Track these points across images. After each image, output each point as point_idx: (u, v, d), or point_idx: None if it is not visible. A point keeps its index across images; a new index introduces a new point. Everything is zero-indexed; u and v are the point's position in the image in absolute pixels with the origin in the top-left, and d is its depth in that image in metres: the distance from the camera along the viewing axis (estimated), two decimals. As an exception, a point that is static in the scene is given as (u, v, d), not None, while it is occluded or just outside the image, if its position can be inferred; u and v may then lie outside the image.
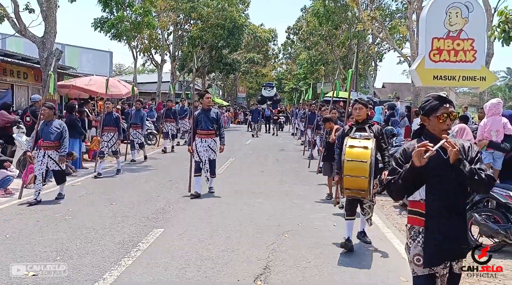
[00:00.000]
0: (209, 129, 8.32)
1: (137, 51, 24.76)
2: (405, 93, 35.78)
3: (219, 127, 8.46)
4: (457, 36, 8.34)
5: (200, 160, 8.28)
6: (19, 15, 12.16)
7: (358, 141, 5.01)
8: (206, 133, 8.30)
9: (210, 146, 8.32)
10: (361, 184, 4.90)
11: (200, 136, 8.31)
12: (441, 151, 2.68)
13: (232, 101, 53.09)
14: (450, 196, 2.76)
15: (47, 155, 7.59)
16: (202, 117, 8.31)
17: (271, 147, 18.59)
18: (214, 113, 8.46)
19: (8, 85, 14.19)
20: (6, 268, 4.50)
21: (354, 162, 4.88)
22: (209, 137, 8.33)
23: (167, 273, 4.52)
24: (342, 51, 33.70)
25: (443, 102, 2.81)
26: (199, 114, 8.42)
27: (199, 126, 8.33)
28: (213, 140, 8.41)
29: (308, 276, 4.57)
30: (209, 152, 8.33)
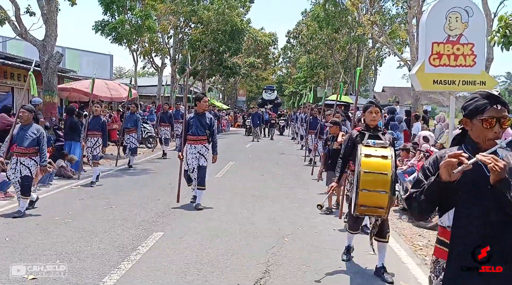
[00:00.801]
0: (200, 134, 7.57)
1: (138, 55, 24.81)
2: (405, 97, 35.84)
3: (211, 134, 7.68)
4: (457, 41, 8.36)
5: (189, 168, 7.64)
6: (20, 18, 12.21)
7: (374, 150, 4.31)
8: (196, 139, 7.59)
9: (200, 152, 7.60)
10: (380, 200, 4.19)
11: (190, 141, 7.63)
12: (483, 165, 2.07)
13: (232, 104, 53.16)
14: (487, 225, 2.12)
15: (19, 162, 6.83)
16: (194, 121, 7.59)
17: (271, 151, 18.59)
18: (208, 118, 7.68)
19: (9, 88, 14.21)
20: (6, 271, 4.48)
21: (373, 175, 4.17)
22: (199, 143, 7.61)
23: (166, 277, 4.51)
24: (342, 55, 33.76)
25: (493, 102, 2.19)
26: (191, 118, 7.70)
27: (189, 131, 7.62)
28: (204, 147, 7.65)
29: (308, 280, 4.57)
30: (199, 159, 7.58)
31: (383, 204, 4.19)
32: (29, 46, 14.27)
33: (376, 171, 4.16)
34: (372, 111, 4.80)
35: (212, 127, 7.67)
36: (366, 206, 4.25)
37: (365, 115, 4.86)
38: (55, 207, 7.45)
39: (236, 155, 16.17)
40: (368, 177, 4.17)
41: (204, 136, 7.60)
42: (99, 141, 9.95)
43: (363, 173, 4.17)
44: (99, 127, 10.00)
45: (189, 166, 7.60)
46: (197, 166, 7.56)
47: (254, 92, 59.13)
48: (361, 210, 4.31)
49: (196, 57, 29.11)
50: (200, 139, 7.60)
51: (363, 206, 4.25)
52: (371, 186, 4.16)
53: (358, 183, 4.21)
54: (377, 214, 4.38)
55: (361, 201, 4.23)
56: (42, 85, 12.97)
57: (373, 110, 4.80)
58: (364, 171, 4.17)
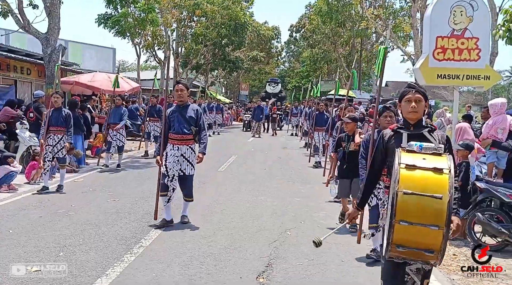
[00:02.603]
0: (184, 132, 6.07)
1: (140, 48, 24.78)
2: (408, 92, 35.66)
3: (199, 130, 6.18)
4: (462, 35, 8.30)
5: (167, 175, 6.03)
6: (23, 11, 12.18)
7: (420, 158, 2.79)
8: (179, 138, 6.10)
9: (184, 156, 6.09)
10: (429, 238, 2.66)
11: (172, 141, 6.13)
12: None
13: (234, 98, 53.08)
14: None
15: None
16: (176, 116, 6.10)
17: (274, 145, 18.58)
18: (193, 111, 6.18)
19: (12, 81, 14.20)
20: (10, 261, 4.51)
21: (418, 198, 2.66)
22: (183, 144, 6.10)
23: (169, 270, 4.53)
24: (346, 49, 33.64)
25: None
26: (172, 112, 6.17)
27: (171, 128, 6.15)
28: (190, 148, 6.16)
29: (310, 274, 4.58)
30: (182, 164, 6.10)
31: (433, 245, 2.65)
32: (32, 39, 14.26)
33: (424, 193, 2.65)
34: (412, 99, 3.08)
35: (198, 121, 6.19)
36: (405, 247, 2.71)
37: (401, 106, 3.18)
38: (58, 200, 7.47)
39: (238, 149, 16.18)
40: (410, 202, 2.66)
41: (189, 134, 6.12)
42: (64, 139, 8.24)
43: (401, 195, 2.67)
44: (62, 122, 8.22)
45: (169, 172, 6.01)
46: (180, 173, 6.10)
47: (257, 86, 59.03)
48: (397, 252, 2.74)
49: (199, 51, 29.04)
50: (185, 138, 6.12)
51: (401, 246, 2.71)
52: (414, 216, 2.66)
53: (394, 209, 2.68)
54: (422, 260, 2.78)
55: (398, 238, 2.70)
56: (45, 78, 12.96)
57: (412, 98, 3.09)
58: (404, 192, 2.67)
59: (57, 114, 8.27)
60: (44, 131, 8.25)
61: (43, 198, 7.54)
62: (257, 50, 43.57)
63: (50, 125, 8.25)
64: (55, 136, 8.23)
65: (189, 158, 6.16)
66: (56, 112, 8.28)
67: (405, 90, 3.19)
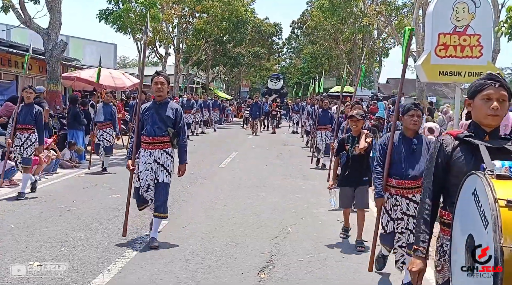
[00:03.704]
0: (158, 134, 5.09)
1: (141, 44, 24.72)
2: (409, 89, 35.65)
3: (178, 133, 5.18)
4: (464, 32, 8.29)
5: (140, 186, 5.14)
6: (24, 6, 12.17)
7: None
8: (151, 141, 5.11)
9: (159, 161, 5.12)
10: None
11: (143, 145, 5.18)
12: None
13: (235, 95, 53.05)
14: None
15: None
16: (150, 115, 5.13)
17: (275, 142, 18.58)
18: (172, 110, 5.18)
19: (13, 76, 14.21)
20: (12, 257, 4.53)
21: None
22: (158, 148, 5.12)
23: (171, 265, 4.54)
24: (347, 46, 33.57)
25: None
26: (147, 109, 5.21)
27: (143, 130, 5.18)
28: (165, 153, 5.15)
29: (311, 269, 4.59)
30: (157, 171, 5.12)
31: None
32: (33, 34, 14.24)
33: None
34: (493, 97, 2.12)
35: (178, 122, 5.19)
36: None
37: (473, 105, 2.21)
38: (59, 195, 7.48)
39: (239, 145, 16.19)
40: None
41: (165, 137, 5.13)
42: (32, 138, 7.43)
43: (510, 253, 1.64)
44: (32, 119, 7.42)
45: (141, 182, 5.11)
46: (154, 182, 5.13)
47: (258, 82, 58.97)
48: None
49: (200, 47, 29.01)
50: (159, 141, 5.13)
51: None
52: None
53: (498, 279, 1.68)
54: None
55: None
56: (46, 73, 12.97)
57: (494, 95, 2.12)
58: None
59: (26, 110, 7.38)
60: (12, 129, 7.35)
61: (44, 193, 7.56)
62: (258, 47, 43.50)
63: (18, 123, 7.36)
64: (21, 135, 7.35)
65: (165, 164, 5.12)
66: (26, 109, 7.39)
67: (483, 83, 2.16)
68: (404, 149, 4.08)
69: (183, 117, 5.32)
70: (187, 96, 19.17)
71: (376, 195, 4.15)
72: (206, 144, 16.40)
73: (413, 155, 4.05)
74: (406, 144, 4.09)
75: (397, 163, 4.07)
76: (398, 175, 4.06)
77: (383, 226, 4.19)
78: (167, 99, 5.26)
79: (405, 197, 4.06)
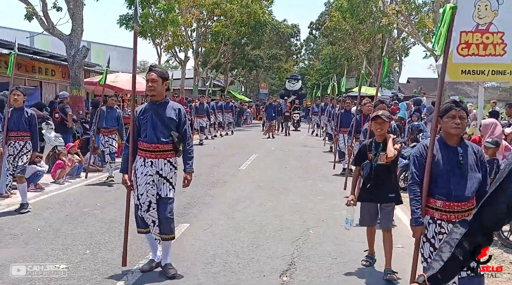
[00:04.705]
0: (160, 140, 4.30)
1: (161, 48, 25.02)
2: (430, 88, 35.14)
3: (183, 138, 4.42)
4: (486, 30, 8.15)
5: (139, 204, 4.35)
6: (47, 13, 12.47)
7: None
8: (153, 149, 4.30)
9: (161, 173, 4.33)
10: None
11: (142, 153, 4.35)
12: None
13: (254, 97, 53.16)
14: None
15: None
16: (149, 117, 4.33)
17: (294, 144, 18.53)
18: (174, 110, 4.39)
19: (37, 82, 14.56)
20: (39, 260, 4.63)
21: None
22: (158, 157, 4.32)
23: (193, 268, 4.57)
24: (366, 46, 33.31)
25: None
26: (143, 111, 4.41)
27: (142, 135, 4.37)
28: (169, 163, 4.37)
29: (334, 272, 4.56)
30: (159, 185, 4.33)
31: None
32: (55, 41, 14.57)
33: None
34: None
35: (181, 125, 4.42)
36: None
37: None
38: (83, 199, 7.62)
39: (258, 147, 16.20)
40: None
41: (169, 144, 4.34)
42: (27, 146, 6.80)
43: None
44: (25, 125, 6.75)
45: (140, 200, 4.32)
46: (156, 198, 4.33)
47: (276, 84, 58.97)
48: None
49: (218, 50, 29.19)
50: (162, 149, 4.32)
51: None
52: None
53: None
54: None
55: None
56: (69, 79, 13.24)
57: None
58: None
59: (18, 115, 6.69)
60: (4, 137, 6.66)
61: (68, 197, 7.71)
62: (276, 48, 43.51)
63: (9, 130, 6.68)
64: (16, 144, 6.69)
65: (168, 176, 4.34)
66: (17, 113, 6.70)
67: None
68: (447, 161, 3.24)
69: (187, 118, 4.55)
70: (200, 100, 18.40)
71: (413, 222, 3.31)
72: (225, 146, 16.48)
73: (460, 169, 3.21)
74: (450, 154, 3.25)
75: (439, 180, 3.25)
76: (442, 195, 3.23)
77: (425, 258, 3.33)
78: (167, 99, 4.45)
79: (453, 222, 3.18)
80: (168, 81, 4.41)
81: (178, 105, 4.52)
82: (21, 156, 6.71)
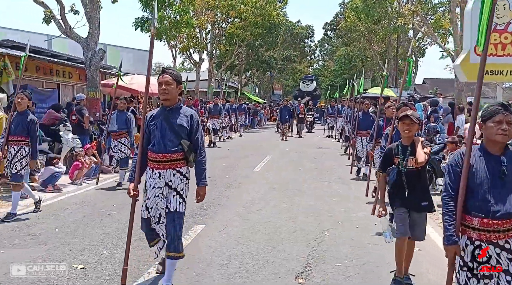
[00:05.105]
0: (170, 150, 3.92)
1: (176, 50, 25.20)
2: (447, 89, 34.71)
3: (195, 147, 4.00)
4: (505, 29, 8.04)
5: (149, 216, 3.98)
6: (65, 17, 12.65)
7: None
8: (161, 159, 3.93)
9: (171, 185, 3.95)
10: None
11: (151, 164, 4.00)
12: None
13: (268, 98, 53.18)
14: None
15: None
16: (159, 124, 3.96)
17: (308, 145, 18.48)
18: (186, 117, 3.99)
19: (55, 84, 14.76)
20: (57, 260, 4.70)
21: None
22: (167, 167, 3.94)
23: (209, 269, 4.59)
24: (382, 46, 33.08)
25: None
26: (153, 117, 4.02)
27: (151, 144, 4.00)
28: (178, 173, 3.97)
29: (350, 275, 4.53)
30: (168, 197, 3.95)
31: None
32: (72, 44, 14.78)
33: None
34: None
35: (194, 133, 4.01)
36: None
37: None
38: (100, 200, 7.70)
39: (272, 149, 16.19)
40: None
41: (179, 153, 3.95)
42: (25, 151, 6.50)
43: None
44: (25, 130, 6.49)
45: (151, 212, 3.96)
46: (165, 211, 3.96)
47: (290, 85, 58.89)
48: None
49: (232, 52, 29.29)
50: (171, 158, 3.93)
51: None
52: None
53: None
54: None
55: None
56: (86, 81, 13.41)
57: None
58: None
59: (19, 120, 6.47)
60: (4, 140, 6.45)
61: (85, 198, 7.80)
62: (290, 50, 43.46)
63: (9, 134, 6.48)
64: (11, 148, 6.46)
65: (178, 188, 3.96)
66: (19, 118, 6.48)
67: None
68: (488, 172, 2.84)
69: (200, 126, 4.08)
70: (214, 101, 18.35)
71: (446, 240, 2.90)
72: (239, 148, 16.51)
73: (503, 181, 2.81)
74: (491, 164, 2.85)
75: (477, 193, 2.84)
76: (481, 212, 2.82)
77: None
78: (179, 104, 4.05)
79: (494, 244, 2.81)
80: (182, 85, 4.10)
81: (190, 111, 4.08)
82: (15, 162, 6.40)
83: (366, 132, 9.87)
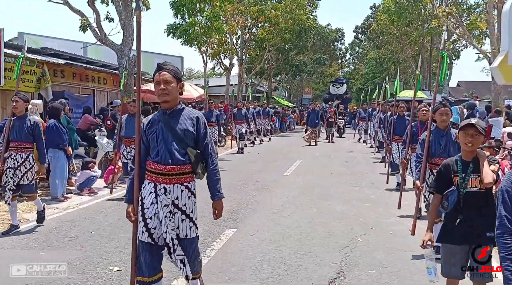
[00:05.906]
0: (178, 162, 3.26)
1: (207, 56, 25.47)
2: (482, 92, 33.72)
3: (204, 155, 3.37)
4: (546, 30, 7.75)
5: (152, 242, 3.22)
6: (100, 24, 12.98)
7: None
8: (165, 172, 3.24)
9: (177, 204, 3.27)
10: None
11: (153, 177, 3.28)
12: None
13: (298, 102, 52.99)
14: None
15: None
16: (159, 130, 3.30)
17: (339, 150, 18.30)
18: (191, 119, 3.35)
19: (90, 90, 15.19)
20: (94, 262, 4.82)
21: None
22: (175, 182, 3.27)
23: (242, 273, 4.60)
24: (414, 49, 32.46)
25: None
26: (152, 123, 3.37)
27: (152, 154, 3.32)
28: (186, 190, 3.31)
29: (384, 282, 4.45)
30: (176, 221, 3.26)
31: None
32: (107, 50, 15.13)
33: None
34: None
35: (202, 139, 3.37)
36: None
37: None
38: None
39: (302, 153, 16.12)
40: None
41: (187, 165, 3.30)
42: (30, 159, 6.04)
43: None
44: (29, 136, 6.00)
45: (154, 234, 3.22)
46: (174, 236, 3.22)
47: (320, 89, 58.51)
48: None
49: (262, 56, 29.37)
50: (177, 172, 3.27)
51: None
52: None
53: None
54: None
55: None
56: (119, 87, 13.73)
57: None
58: None
59: (19, 124, 5.96)
60: (3, 147, 5.95)
61: (120, 201, 7.94)
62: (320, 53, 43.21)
63: (11, 140, 5.96)
64: (18, 156, 5.94)
65: (187, 210, 3.30)
66: (19, 122, 5.97)
67: None
68: None
69: (208, 129, 3.43)
70: (238, 105, 17.74)
71: None
72: (268, 152, 16.52)
73: None
74: None
75: None
76: None
77: None
78: (181, 106, 3.42)
79: None
80: (182, 82, 3.46)
81: (195, 112, 3.43)
82: (25, 173, 5.92)
83: (402, 138, 8.58)
